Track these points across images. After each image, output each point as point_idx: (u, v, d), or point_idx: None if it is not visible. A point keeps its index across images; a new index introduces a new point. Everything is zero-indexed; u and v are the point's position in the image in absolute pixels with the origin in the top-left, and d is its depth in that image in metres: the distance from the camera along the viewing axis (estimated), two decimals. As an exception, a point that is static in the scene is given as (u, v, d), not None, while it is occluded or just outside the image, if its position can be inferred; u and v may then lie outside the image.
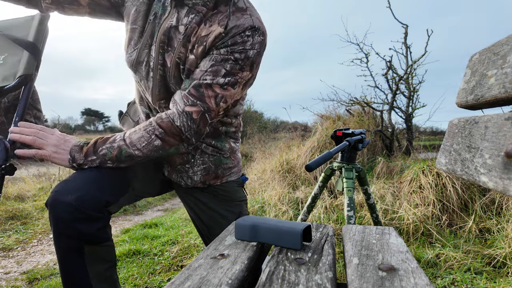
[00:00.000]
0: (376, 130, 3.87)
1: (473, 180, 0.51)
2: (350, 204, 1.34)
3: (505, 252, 1.61)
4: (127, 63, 0.97)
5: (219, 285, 0.42)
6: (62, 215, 0.78)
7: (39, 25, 1.00)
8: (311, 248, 0.57)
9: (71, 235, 0.80)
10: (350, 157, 1.44)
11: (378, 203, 2.33)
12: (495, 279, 1.47)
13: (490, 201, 2.18)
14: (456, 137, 0.60)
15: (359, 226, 0.68)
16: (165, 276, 1.62)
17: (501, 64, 0.51)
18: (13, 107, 1.06)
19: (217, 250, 0.56)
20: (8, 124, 1.05)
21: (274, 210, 2.57)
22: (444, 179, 2.31)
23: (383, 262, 0.48)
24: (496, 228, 1.89)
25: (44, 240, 2.31)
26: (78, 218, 0.79)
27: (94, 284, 0.83)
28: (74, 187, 0.80)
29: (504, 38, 0.53)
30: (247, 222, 0.61)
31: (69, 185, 0.81)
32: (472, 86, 0.59)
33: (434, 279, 1.52)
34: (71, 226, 0.79)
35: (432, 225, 2.04)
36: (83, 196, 0.79)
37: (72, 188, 0.80)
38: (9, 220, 2.60)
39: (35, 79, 0.98)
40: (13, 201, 3.07)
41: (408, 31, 4.05)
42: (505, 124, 0.45)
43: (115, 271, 0.92)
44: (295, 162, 3.48)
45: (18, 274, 1.71)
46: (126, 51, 0.96)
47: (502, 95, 0.49)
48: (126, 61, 0.96)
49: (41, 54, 1.00)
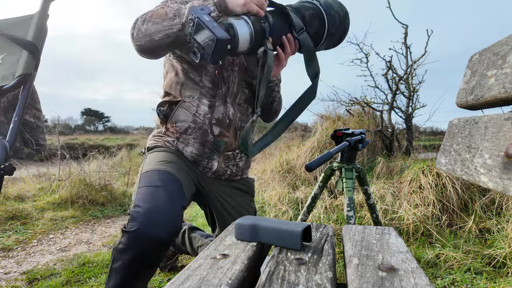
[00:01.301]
0: (376, 130, 3.87)
1: (473, 180, 0.51)
2: (350, 204, 1.33)
3: (505, 252, 1.60)
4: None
5: (219, 285, 0.42)
6: (149, 249, 0.83)
7: (38, 24, 1.00)
8: (311, 248, 0.57)
9: (147, 264, 0.86)
10: (350, 157, 1.44)
11: (378, 203, 2.33)
12: (495, 279, 1.47)
13: (490, 201, 2.18)
14: (456, 137, 0.60)
15: (359, 226, 0.68)
16: (165, 276, 1.61)
17: (501, 64, 0.51)
18: (12, 106, 1.06)
19: (217, 250, 0.56)
20: (7, 124, 1.05)
21: (274, 210, 2.57)
22: (444, 179, 2.30)
23: (383, 262, 0.48)
24: (496, 228, 1.89)
25: (44, 240, 2.31)
26: (162, 251, 0.86)
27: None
28: (164, 220, 0.84)
29: (504, 38, 0.53)
30: (247, 222, 0.61)
31: (154, 214, 0.84)
32: (472, 86, 0.58)
33: (434, 279, 1.52)
34: (154, 258, 0.86)
35: (432, 225, 2.04)
36: (173, 230, 0.85)
37: (160, 220, 0.84)
38: (9, 220, 2.60)
39: (34, 78, 0.98)
40: (13, 201, 3.07)
41: (408, 31, 4.05)
42: (505, 124, 0.45)
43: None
44: (295, 162, 3.48)
45: (18, 274, 1.71)
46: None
47: (502, 95, 0.49)
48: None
49: (40, 53, 0.99)
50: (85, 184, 3.24)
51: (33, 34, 0.99)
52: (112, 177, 3.78)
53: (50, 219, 2.72)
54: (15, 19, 1.06)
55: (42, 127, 1.20)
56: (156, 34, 0.93)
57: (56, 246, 2.19)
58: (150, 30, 0.94)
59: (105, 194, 3.34)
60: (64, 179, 3.40)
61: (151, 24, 0.94)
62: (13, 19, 1.06)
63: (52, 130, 5.03)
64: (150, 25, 0.94)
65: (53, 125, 6.13)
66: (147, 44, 0.95)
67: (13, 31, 1.02)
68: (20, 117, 0.91)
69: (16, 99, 1.04)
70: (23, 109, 0.92)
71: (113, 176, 3.89)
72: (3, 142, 0.84)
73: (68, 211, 2.94)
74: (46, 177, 3.72)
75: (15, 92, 1.03)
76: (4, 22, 1.06)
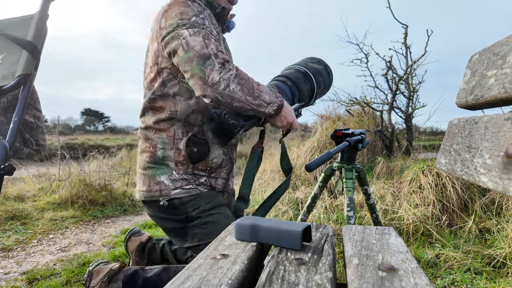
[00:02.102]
0: (376, 130, 3.87)
1: (473, 180, 0.51)
2: (350, 204, 1.33)
3: (505, 252, 1.61)
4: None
5: (219, 285, 0.42)
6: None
7: (38, 24, 1.00)
8: (311, 248, 0.57)
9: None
10: (350, 157, 1.44)
11: (378, 203, 2.33)
12: (495, 279, 1.47)
13: (490, 201, 2.18)
14: (456, 137, 0.60)
15: (359, 226, 0.68)
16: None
17: (501, 64, 0.51)
18: (12, 106, 1.06)
19: (217, 250, 0.56)
20: (7, 124, 1.05)
21: (274, 210, 2.57)
22: (444, 179, 2.30)
23: (383, 262, 0.48)
24: (496, 228, 1.89)
25: (44, 240, 2.31)
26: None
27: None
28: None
29: (504, 38, 0.53)
30: (247, 222, 0.61)
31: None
32: (472, 86, 0.58)
33: (434, 279, 1.52)
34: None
35: (432, 225, 2.04)
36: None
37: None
38: (9, 220, 2.60)
39: (34, 78, 0.98)
40: (13, 201, 3.07)
41: (408, 31, 4.05)
42: (505, 124, 0.45)
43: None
44: (295, 162, 3.48)
45: (18, 275, 1.71)
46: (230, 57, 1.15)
47: (502, 95, 0.49)
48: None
49: (40, 53, 0.99)
50: (85, 184, 3.24)
51: (33, 34, 0.99)
52: (112, 177, 3.78)
53: (50, 219, 2.72)
54: (15, 19, 1.06)
55: (42, 127, 1.20)
56: (237, 102, 0.92)
57: (56, 246, 2.19)
58: (236, 94, 0.92)
59: (105, 194, 3.34)
60: (64, 179, 3.40)
61: (239, 89, 0.92)
62: (13, 19, 1.06)
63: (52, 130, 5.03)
64: (238, 89, 0.91)
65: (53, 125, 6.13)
66: (225, 103, 0.92)
67: (13, 31, 1.02)
68: (20, 117, 0.91)
69: (16, 99, 1.04)
70: (23, 109, 0.92)
71: (113, 176, 3.89)
72: (3, 142, 0.84)
73: (68, 211, 2.94)
74: (46, 177, 3.72)
75: (15, 92, 1.03)
76: (4, 22, 1.06)
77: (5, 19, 1.08)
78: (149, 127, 1.09)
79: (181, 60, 0.93)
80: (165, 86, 1.06)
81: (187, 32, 0.93)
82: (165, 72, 1.05)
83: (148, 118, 1.10)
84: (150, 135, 1.08)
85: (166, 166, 1.06)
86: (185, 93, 1.06)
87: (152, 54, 1.06)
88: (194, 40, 0.91)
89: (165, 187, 1.05)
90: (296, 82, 1.23)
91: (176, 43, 0.94)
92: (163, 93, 1.06)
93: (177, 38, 0.93)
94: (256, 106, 0.96)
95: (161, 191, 1.05)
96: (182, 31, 0.93)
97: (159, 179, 1.06)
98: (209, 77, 0.89)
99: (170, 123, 1.07)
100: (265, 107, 0.98)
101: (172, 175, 1.06)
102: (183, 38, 0.93)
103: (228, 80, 0.90)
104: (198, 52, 0.90)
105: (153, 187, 1.06)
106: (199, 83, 0.90)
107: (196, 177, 1.08)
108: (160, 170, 1.06)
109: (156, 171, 1.06)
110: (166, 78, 1.05)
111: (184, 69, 0.94)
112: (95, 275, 1.16)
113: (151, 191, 1.06)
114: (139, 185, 1.11)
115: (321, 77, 1.29)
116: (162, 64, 1.04)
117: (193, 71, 0.91)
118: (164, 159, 1.06)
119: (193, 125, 1.07)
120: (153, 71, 1.07)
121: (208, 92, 0.90)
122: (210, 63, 0.89)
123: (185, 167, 1.06)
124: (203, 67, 0.89)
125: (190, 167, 1.07)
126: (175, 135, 1.06)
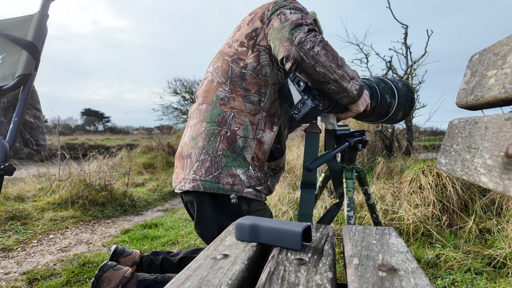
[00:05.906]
0: (376, 130, 3.87)
1: (473, 181, 0.51)
2: (350, 205, 1.33)
3: (505, 253, 1.60)
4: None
5: (219, 285, 0.42)
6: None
7: (38, 24, 1.00)
8: (311, 249, 0.56)
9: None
10: (350, 158, 1.44)
11: (378, 204, 2.33)
12: (495, 280, 1.47)
13: (490, 201, 2.17)
14: (456, 137, 0.60)
15: (359, 227, 0.68)
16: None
17: (501, 64, 0.51)
18: (12, 107, 1.06)
19: (217, 251, 0.56)
20: (7, 124, 1.05)
21: (274, 210, 2.57)
22: (444, 180, 2.30)
23: (383, 262, 0.48)
24: (496, 229, 1.89)
25: (44, 240, 2.31)
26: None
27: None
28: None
29: (504, 38, 0.53)
30: (247, 222, 0.61)
31: None
32: (472, 86, 0.58)
33: (434, 280, 1.52)
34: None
35: (432, 226, 2.04)
36: None
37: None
38: (9, 220, 2.60)
39: (34, 78, 0.98)
40: (13, 201, 3.07)
41: (408, 31, 4.05)
42: (505, 125, 0.45)
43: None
44: (295, 162, 3.48)
45: (18, 275, 1.71)
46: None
47: (502, 96, 0.49)
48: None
49: (40, 53, 0.99)
50: (85, 184, 3.25)
51: (33, 34, 0.99)
52: (112, 177, 3.78)
53: (50, 219, 2.72)
54: (15, 19, 1.06)
55: (42, 127, 1.20)
56: (321, 66, 0.87)
57: (56, 246, 2.19)
58: (321, 58, 0.87)
59: (105, 194, 3.34)
60: (64, 179, 3.40)
61: (323, 53, 0.87)
62: (13, 19, 1.06)
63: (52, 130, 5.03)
64: (323, 53, 0.87)
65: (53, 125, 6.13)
66: (308, 64, 0.86)
67: (13, 31, 1.02)
68: (20, 117, 0.91)
69: (16, 99, 1.04)
70: (23, 109, 0.92)
71: (113, 176, 3.89)
72: (3, 142, 0.84)
73: (68, 211, 2.94)
74: (46, 177, 3.72)
75: (15, 92, 1.03)
76: (4, 22, 1.06)
77: (5, 19, 1.08)
78: (232, 108, 0.97)
79: (274, 30, 0.94)
80: (258, 63, 1.00)
81: (289, 11, 0.96)
82: (261, 49, 1.01)
83: (226, 96, 0.98)
84: (228, 118, 0.96)
85: (243, 159, 0.95)
86: (274, 77, 1.00)
87: (245, 32, 1.04)
88: (293, 15, 0.94)
89: (239, 182, 0.94)
90: (379, 87, 1.11)
91: (276, 17, 0.96)
92: (256, 69, 0.99)
93: (278, 15, 0.96)
94: (340, 77, 0.89)
95: (234, 185, 0.93)
96: (285, 10, 0.97)
97: (235, 172, 0.93)
98: (296, 37, 0.86)
99: (256, 109, 0.98)
100: (348, 81, 0.90)
101: (249, 170, 0.95)
102: (283, 14, 0.95)
103: (314, 42, 0.86)
104: (293, 21, 0.91)
105: (224, 179, 0.93)
106: (284, 45, 0.88)
107: (266, 177, 0.99)
108: (236, 162, 0.94)
109: (232, 162, 0.94)
110: (262, 55, 1.00)
111: (275, 37, 0.93)
112: (106, 283, 1.08)
113: (220, 182, 0.92)
114: (194, 171, 0.95)
115: (405, 103, 1.15)
116: (261, 42, 1.01)
117: (282, 36, 0.90)
118: (242, 150, 0.95)
119: (273, 116, 1.00)
120: (246, 46, 1.02)
121: (293, 51, 0.85)
122: (300, 28, 0.88)
123: (260, 164, 0.97)
124: (293, 31, 0.88)
125: (265, 165, 0.98)
126: (258, 125, 0.97)
